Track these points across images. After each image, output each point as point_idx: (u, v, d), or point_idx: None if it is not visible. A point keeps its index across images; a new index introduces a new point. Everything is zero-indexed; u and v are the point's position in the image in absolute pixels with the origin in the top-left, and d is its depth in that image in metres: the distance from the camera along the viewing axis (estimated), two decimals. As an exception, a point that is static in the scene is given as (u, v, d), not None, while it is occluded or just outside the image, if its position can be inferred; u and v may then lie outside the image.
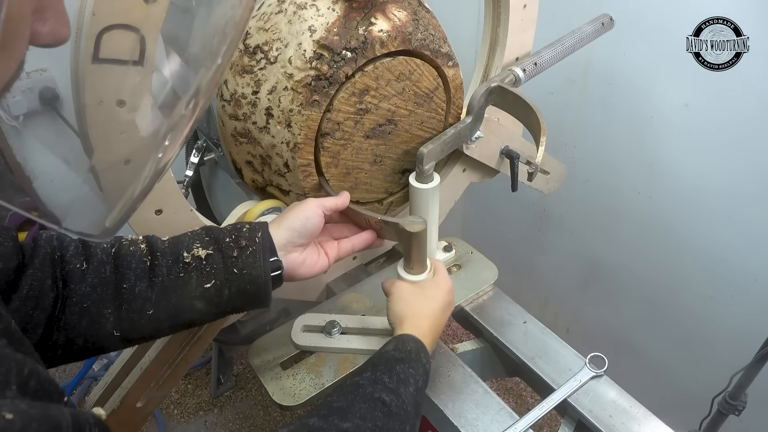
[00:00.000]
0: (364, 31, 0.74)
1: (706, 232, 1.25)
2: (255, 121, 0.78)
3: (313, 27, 0.73)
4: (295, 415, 1.75)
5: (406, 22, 0.77)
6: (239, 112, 0.79)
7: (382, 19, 0.76)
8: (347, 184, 0.86)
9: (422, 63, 0.81)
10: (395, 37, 0.76)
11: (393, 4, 0.77)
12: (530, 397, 1.81)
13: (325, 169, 0.82)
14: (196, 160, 1.07)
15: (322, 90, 0.74)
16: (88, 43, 0.40)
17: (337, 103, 0.77)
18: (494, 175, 1.07)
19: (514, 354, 0.89)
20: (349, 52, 0.74)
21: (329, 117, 0.77)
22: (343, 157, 0.83)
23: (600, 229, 1.51)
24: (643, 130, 1.27)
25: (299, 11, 0.75)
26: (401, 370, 0.64)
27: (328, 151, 0.81)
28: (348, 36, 0.74)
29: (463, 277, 0.98)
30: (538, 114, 0.82)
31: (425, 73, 0.82)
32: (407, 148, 0.88)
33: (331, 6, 0.74)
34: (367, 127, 0.82)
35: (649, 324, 1.49)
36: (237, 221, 0.80)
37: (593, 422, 0.78)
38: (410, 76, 0.81)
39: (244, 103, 0.78)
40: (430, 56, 0.81)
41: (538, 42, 0.98)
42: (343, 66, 0.74)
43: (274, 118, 0.77)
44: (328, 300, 0.97)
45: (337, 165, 0.83)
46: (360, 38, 0.74)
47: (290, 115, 0.75)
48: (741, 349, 1.13)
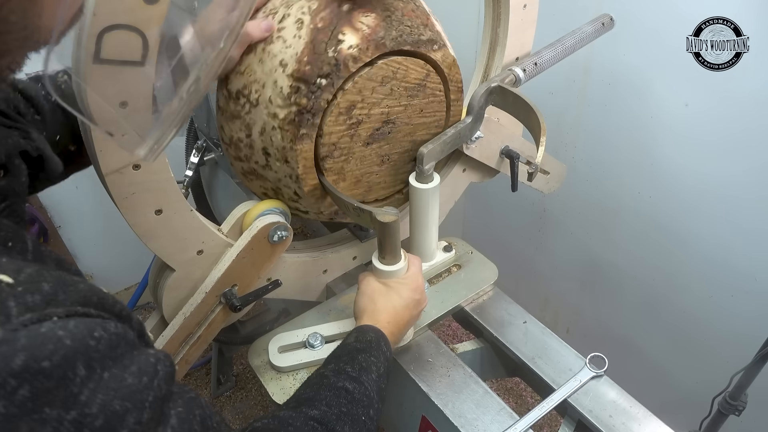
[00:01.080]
0: (334, 53, 0.71)
1: (706, 231, 1.25)
2: (257, 161, 0.79)
3: (283, 61, 0.72)
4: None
5: (375, 26, 0.74)
6: (240, 154, 0.80)
7: (350, 33, 0.72)
8: (360, 190, 0.86)
9: (404, 59, 0.78)
10: (367, 48, 0.73)
11: (359, 11, 0.74)
12: (530, 397, 1.81)
13: (335, 185, 0.82)
14: (196, 160, 1.07)
15: (308, 122, 0.73)
16: (88, 43, 0.40)
17: (326, 128, 0.75)
18: (494, 175, 1.07)
19: (514, 354, 0.89)
20: (324, 78, 0.71)
21: (323, 142, 0.76)
22: (349, 169, 0.82)
23: (600, 229, 1.51)
24: (643, 130, 1.27)
25: (267, 47, 0.73)
26: (363, 359, 0.68)
27: (332, 171, 0.80)
28: (319, 62, 0.71)
29: (463, 277, 0.98)
30: (538, 114, 0.82)
31: (410, 67, 0.79)
32: (413, 137, 0.87)
33: (297, 33, 0.72)
34: (365, 136, 0.81)
35: (649, 324, 1.49)
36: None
37: (593, 422, 0.78)
38: (395, 75, 0.78)
39: (242, 146, 0.79)
40: (410, 50, 0.77)
41: (538, 42, 0.98)
42: (321, 94, 0.72)
43: (272, 156, 0.77)
44: (328, 300, 0.98)
45: (345, 179, 0.83)
46: (331, 61, 0.71)
47: (285, 152, 0.75)
48: (741, 349, 1.14)
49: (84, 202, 1.85)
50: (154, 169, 0.69)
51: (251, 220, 0.82)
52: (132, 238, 0.74)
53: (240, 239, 0.81)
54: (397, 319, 0.77)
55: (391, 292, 0.79)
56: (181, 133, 1.19)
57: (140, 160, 0.44)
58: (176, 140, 1.23)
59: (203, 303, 0.82)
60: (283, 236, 0.83)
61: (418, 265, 0.84)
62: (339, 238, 1.03)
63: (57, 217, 1.85)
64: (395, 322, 0.77)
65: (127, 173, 0.67)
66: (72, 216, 1.87)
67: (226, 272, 0.81)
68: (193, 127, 1.09)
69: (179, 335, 0.83)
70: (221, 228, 0.82)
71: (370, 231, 1.02)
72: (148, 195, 0.71)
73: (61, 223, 1.86)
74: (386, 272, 0.79)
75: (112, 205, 0.69)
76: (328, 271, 1.00)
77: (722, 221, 1.21)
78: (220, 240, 0.81)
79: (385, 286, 0.80)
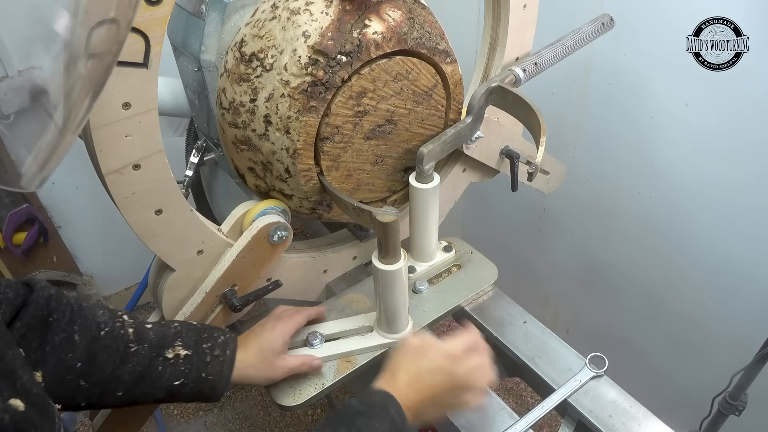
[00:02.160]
0: (359, 34, 0.74)
1: (706, 231, 1.25)
2: (254, 129, 0.78)
3: (307, 32, 0.73)
4: (294, 415, 1.75)
5: (401, 21, 0.77)
6: (238, 120, 0.79)
7: (376, 21, 0.75)
8: (349, 186, 0.86)
9: (419, 62, 0.81)
10: (390, 38, 0.76)
11: (387, 4, 0.77)
12: (530, 397, 1.81)
13: (327, 173, 0.82)
14: (196, 160, 1.07)
15: (319, 95, 0.74)
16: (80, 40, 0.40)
17: (334, 108, 0.76)
18: (494, 175, 1.07)
19: (514, 354, 0.89)
20: (344, 56, 0.73)
21: (327, 121, 0.77)
22: (344, 159, 0.83)
23: (600, 229, 1.51)
24: (643, 130, 1.27)
25: (293, 17, 0.75)
26: (362, 423, 0.62)
27: (329, 155, 0.81)
28: (342, 40, 0.73)
29: (463, 277, 0.98)
30: (538, 114, 0.82)
31: (423, 72, 0.82)
32: (408, 146, 0.88)
33: (325, 10, 0.74)
34: (367, 129, 0.82)
35: (649, 324, 1.49)
36: (211, 325, 0.82)
37: (593, 422, 0.78)
38: (407, 75, 0.81)
39: (242, 111, 0.78)
40: (426, 54, 0.81)
41: (538, 42, 0.98)
42: (338, 71, 0.74)
43: (272, 125, 0.77)
44: (328, 300, 0.97)
45: (338, 168, 0.83)
46: (355, 41, 0.74)
47: (288, 122, 0.75)
48: (741, 349, 1.14)
49: (84, 202, 1.85)
50: (154, 170, 0.69)
51: (251, 220, 0.82)
52: (132, 238, 0.74)
53: (240, 239, 0.81)
54: (419, 386, 0.68)
55: (422, 352, 0.72)
56: (180, 133, 1.19)
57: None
58: (176, 140, 1.23)
59: (203, 303, 0.82)
60: (283, 236, 0.83)
61: (466, 337, 0.75)
62: (339, 238, 1.03)
63: (57, 217, 1.85)
64: (416, 388, 0.68)
65: (127, 173, 0.67)
66: (72, 216, 1.87)
67: (226, 272, 0.81)
68: (193, 127, 1.09)
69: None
70: (221, 228, 0.82)
71: (370, 231, 1.02)
72: (148, 195, 0.71)
73: (61, 223, 1.86)
74: (386, 272, 0.79)
75: (112, 205, 0.69)
76: (328, 271, 1.00)
77: (722, 221, 1.21)
78: (220, 240, 0.81)
79: (421, 346, 0.72)
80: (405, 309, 0.84)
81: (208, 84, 0.86)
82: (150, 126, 0.66)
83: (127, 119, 0.64)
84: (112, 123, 0.63)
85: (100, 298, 2.04)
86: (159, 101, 0.67)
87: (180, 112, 1.11)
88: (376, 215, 0.73)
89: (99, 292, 2.03)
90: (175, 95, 1.08)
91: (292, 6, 0.75)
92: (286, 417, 1.77)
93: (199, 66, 0.85)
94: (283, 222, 0.83)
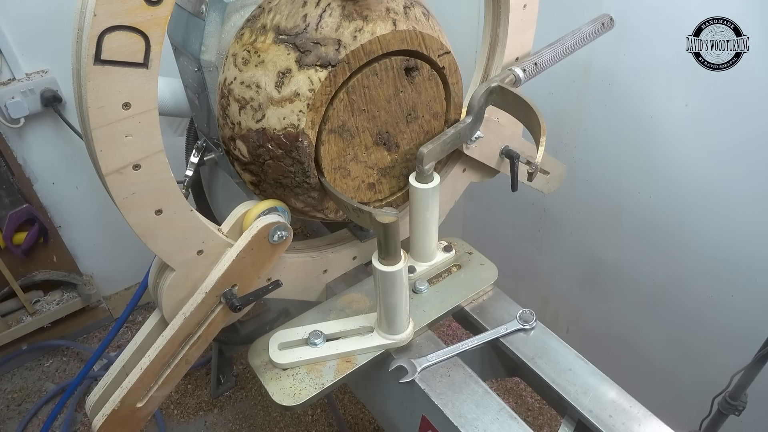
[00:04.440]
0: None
1: (705, 231, 1.25)
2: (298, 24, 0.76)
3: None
4: (294, 415, 1.75)
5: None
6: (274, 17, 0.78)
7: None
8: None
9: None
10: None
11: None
12: (530, 397, 1.80)
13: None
14: (196, 160, 1.07)
15: (361, 30, 0.74)
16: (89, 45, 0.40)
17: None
18: (494, 175, 1.07)
19: (514, 354, 0.89)
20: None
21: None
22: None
23: (600, 228, 1.51)
24: (643, 130, 1.27)
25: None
26: None
27: (336, 115, 0.79)
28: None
29: (463, 277, 0.98)
30: (538, 114, 0.82)
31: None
32: (408, 147, 0.88)
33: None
34: (367, 129, 0.82)
35: (649, 324, 1.49)
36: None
37: (593, 422, 0.78)
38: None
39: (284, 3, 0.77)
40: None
41: (538, 42, 0.98)
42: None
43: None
44: (328, 300, 0.97)
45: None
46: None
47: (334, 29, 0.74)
48: (741, 349, 1.14)
49: (84, 202, 1.85)
50: (154, 170, 0.69)
51: (251, 220, 0.82)
52: (132, 238, 0.74)
53: (240, 239, 0.81)
54: None
55: None
56: (180, 133, 1.19)
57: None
58: (176, 140, 1.23)
59: (203, 303, 0.82)
60: (283, 236, 0.83)
61: None
62: (339, 238, 1.03)
63: (57, 217, 1.85)
64: None
65: (127, 173, 0.67)
66: (72, 216, 1.87)
67: (226, 272, 0.81)
68: (193, 127, 1.09)
69: (179, 335, 0.83)
70: (221, 228, 0.82)
71: (370, 231, 1.02)
72: (148, 195, 0.71)
73: (61, 223, 1.86)
74: (386, 273, 0.79)
75: (112, 205, 0.69)
76: (328, 271, 1.00)
77: (722, 221, 1.21)
78: (220, 240, 0.81)
79: None
80: (405, 310, 0.84)
81: (208, 84, 0.86)
82: (150, 126, 0.66)
83: (127, 119, 0.64)
84: (112, 123, 0.63)
85: (100, 298, 2.04)
86: (159, 101, 0.67)
87: (180, 112, 1.11)
88: (376, 216, 0.73)
89: (99, 292, 2.03)
90: (175, 95, 1.08)
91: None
92: (286, 417, 1.77)
93: (199, 66, 0.85)
94: (283, 222, 0.83)
